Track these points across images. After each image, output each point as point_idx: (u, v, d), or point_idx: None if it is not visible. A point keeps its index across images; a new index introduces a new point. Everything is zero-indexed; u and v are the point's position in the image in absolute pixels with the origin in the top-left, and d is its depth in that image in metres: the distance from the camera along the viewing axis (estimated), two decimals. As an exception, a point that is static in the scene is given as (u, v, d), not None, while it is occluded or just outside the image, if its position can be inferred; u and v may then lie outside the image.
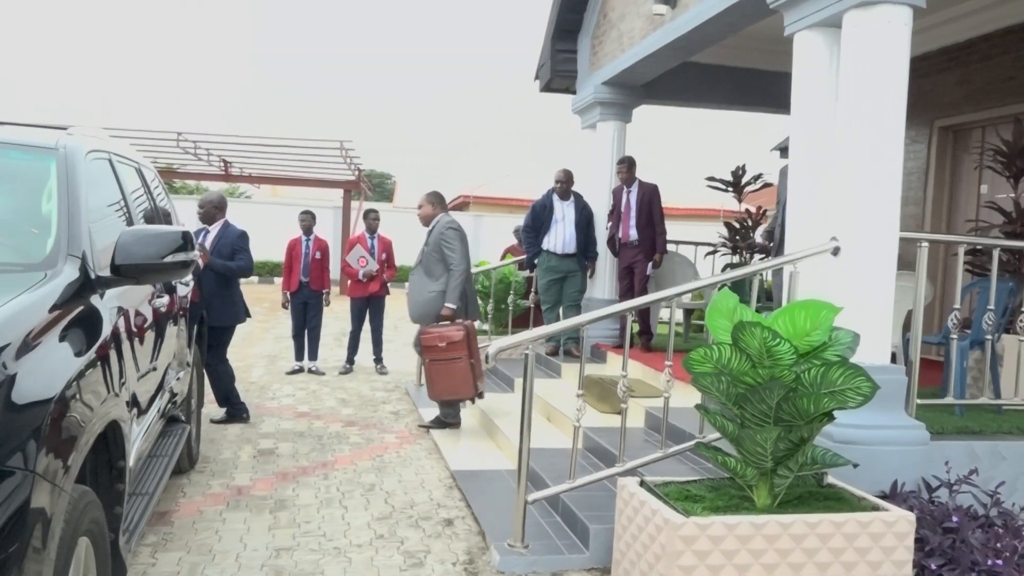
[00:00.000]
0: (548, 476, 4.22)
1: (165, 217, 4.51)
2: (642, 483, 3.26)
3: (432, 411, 6.61)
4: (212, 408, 6.39)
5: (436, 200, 6.23)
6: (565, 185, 7.46)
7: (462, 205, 29.27)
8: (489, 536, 3.81)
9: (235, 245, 6.13)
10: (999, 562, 2.96)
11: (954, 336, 4.32)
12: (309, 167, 18.10)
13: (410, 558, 3.64)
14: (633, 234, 7.15)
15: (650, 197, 7.19)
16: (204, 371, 5.61)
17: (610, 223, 7.45)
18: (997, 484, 3.75)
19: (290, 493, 4.51)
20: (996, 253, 4.32)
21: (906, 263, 4.35)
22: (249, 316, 6.30)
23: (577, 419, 3.76)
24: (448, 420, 6.02)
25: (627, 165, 7.25)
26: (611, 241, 7.43)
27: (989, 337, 4.43)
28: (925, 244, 4.13)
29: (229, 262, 6.03)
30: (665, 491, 3.17)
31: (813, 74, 4.21)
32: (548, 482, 4.07)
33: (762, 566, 2.89)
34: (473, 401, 5.85)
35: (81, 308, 2.46)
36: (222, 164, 18.26)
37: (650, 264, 7.13)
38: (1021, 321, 4.33)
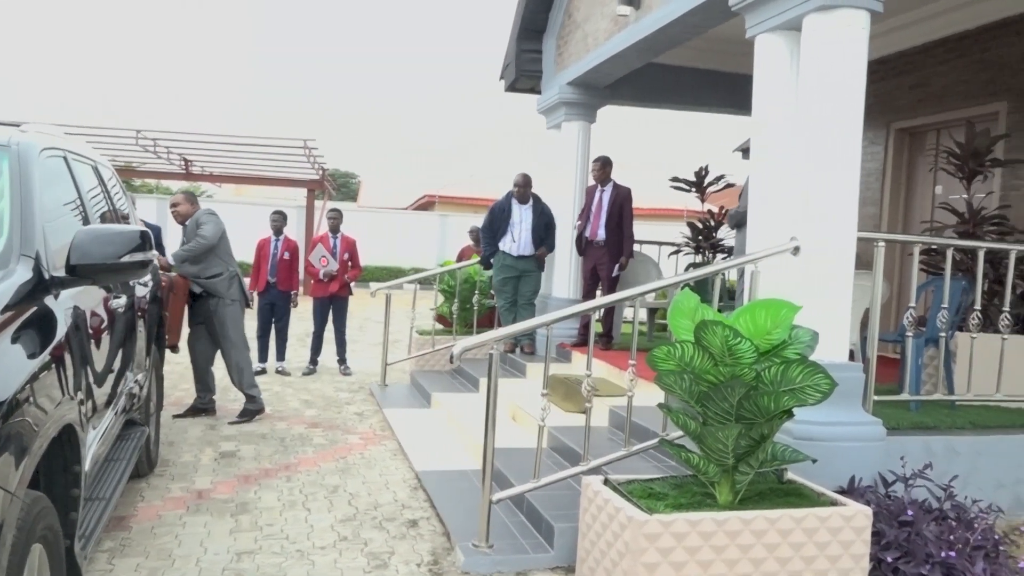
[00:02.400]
0: (513, 476, 4.22)
1: (123, 216, 4.43)
2: (606, 481, 3.28)
3: (397, 411, 6.58)
4: (172, 408, 6.31)
5: (193, 199, 6.35)
6: (523, 189, 7.52)
7: (427, 205, 29.21)
8: (454, 536, 3.80)
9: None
10: (952, 554, 3.03)
11: (910, 334, 4.41)
12: (273, 166, 17.90)
13: (374, 559, 3.62)
14: (601, 234, 7.19)
15: (623, 200, 7.23)
16: (164, 371, 5.53)
17: (579, 221, 7.48)
18: (951, 478, 3.84)
19: (252, 496, 4.45)
20: (950, 253, 4.43)
21: (864, 262, 4.43)
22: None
23: (542, 418, 3.77)
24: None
25: (602, 164, 7.29)
26: (579, 239, 7.46)
27: (943, 335, 4.54)
28: (882, 244, 4.21)
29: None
30: (629, 489, 3.20)
31: (774, 76, 4.27)
32: (513, 482, 4.07)
33: (724, 562, 2.93)
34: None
35: (34, 309, 2.41)
36: (183, 162, 17.97)
37: (616, 266, 7.18)
38: (974, 319, 4.44)
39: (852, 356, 4.52)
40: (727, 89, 8.37)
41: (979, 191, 6.24)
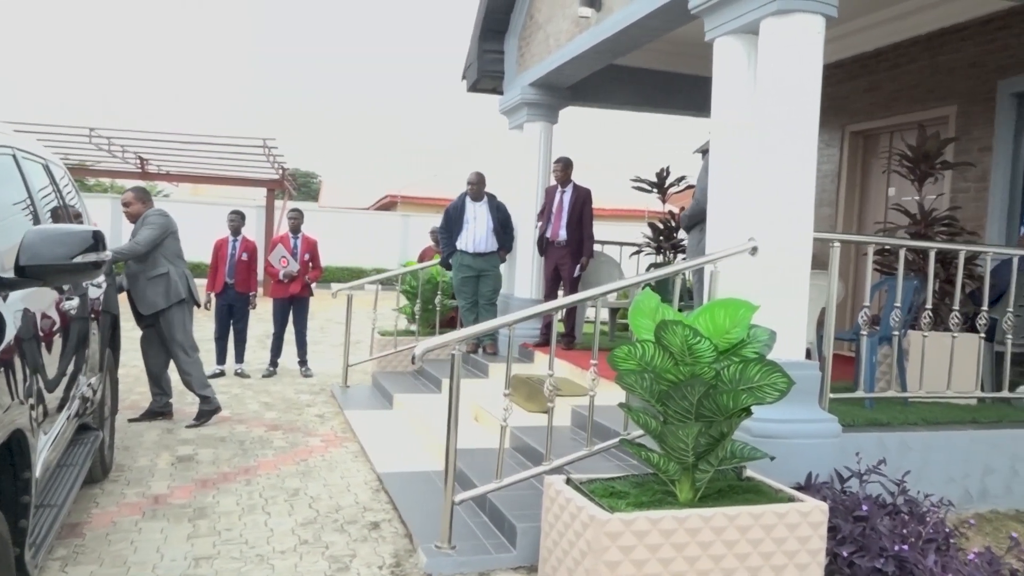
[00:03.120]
0: (476, 476, 4.21)
1: (75, 216, 4.33)
2: (568, 481, 3.29)
3: (359, 412, 6.53)
4: (128, 412, 6.18)
5: (145, 197, 6.23)
6: (477, 187, 7.55)
7: (389, 205, 29.05)
8: (416, 538, 3.78)
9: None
10: (905, 547, 3.09)
11: (864, 332, 4.51)
12: (231, 165, 17.64)
13: (335, 563, 3.59)
14: (563, 234, 7.24)
15: (583, 200, 7.31)
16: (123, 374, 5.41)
17: (540, 222, 7.51)
18: (904, 473, 3.94)
19: (210, 500, 4.38)
20: (902, 253, 4.53)
21: (820, 263, 4.51)
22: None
23: (504, 418, 3.77)
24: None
25: (563, 165, 7.34)
26: (540, 240, 7.49)
27: (896, 333, 4.64)
28: (837, 244, 4.29)
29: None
30: (591, 488, 3.21)
31: (732, 79, 4.32)
32: (476, 482, 4.07)
33: (685, 559, 2.96)
34: None
35: (-19, 311, 2.34)
36: (138, 161, 17.62)
37: (577, 267, 7.22)
38: (925, 318, 4.55)
39: (809, 355, 4.60)
40: (687, 91, 8.47)
41: (930, 193, 6.40)
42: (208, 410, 6.11)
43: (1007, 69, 6.08)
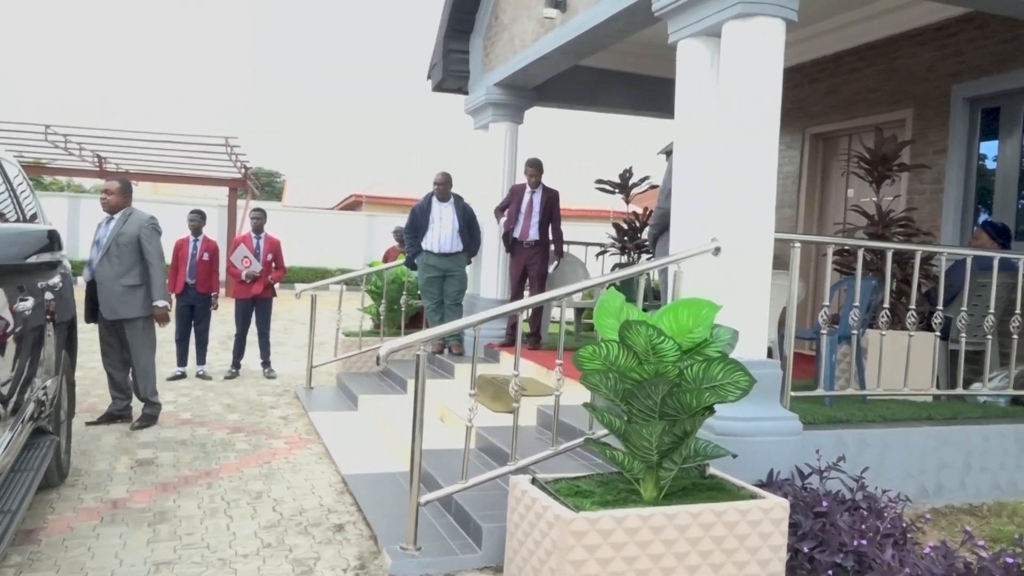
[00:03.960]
0: (441, 477, 4.20)
1: (30, 216, 4.23)
2: (534, 480, 3.30)
3: (323, 414, 6.47)
4: (85, 415, 6.05)
5: (128, 192, 6.16)
6: (443, 187, 7.54)
7: (354, 205, 28.86)
8: (381, 540, 3.76)
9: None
10: (864, 542, 3.15)
11: (824, 332, 4.59)
12: (192, 164, 17.37)
13: (299, 566, 3.55)
14: (534, 235, 7.31)
15: (553, 202, 7.39)
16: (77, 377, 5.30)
17: (504, 218, 7.52)
18: (862, 469, 4.01)
19: (171, 504, 4.31)
20: (861, 253, 4.62)
21: (781, 263, 4.58)
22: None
23: (470, 419, 3.76)
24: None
25: (537, 168, 7.39)
26: (506, 238, 7.50)
27: (855, 332, 4.73)
28: (798, 245, 4.36)
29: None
30: (556, 487, 3.22)
31: (695, 81, 4.37)
32: (441, 483, 4.06)
33: (649, 557, 2.98)
34: None
35: (-69, 313, 2.27)
36: (96, 159, 17.26)
37: (552, 266, 7.34)
38: (883, 317, 4.64)
39: (770, 353, 4.66)
40: (651, 93, 8.55)
41: (888, 194, 6.54)
42: (153, 415, 6.04)
43: (961, 74, 6.24)
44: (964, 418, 4.76)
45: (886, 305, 4.67)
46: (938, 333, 4.82)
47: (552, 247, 7.46)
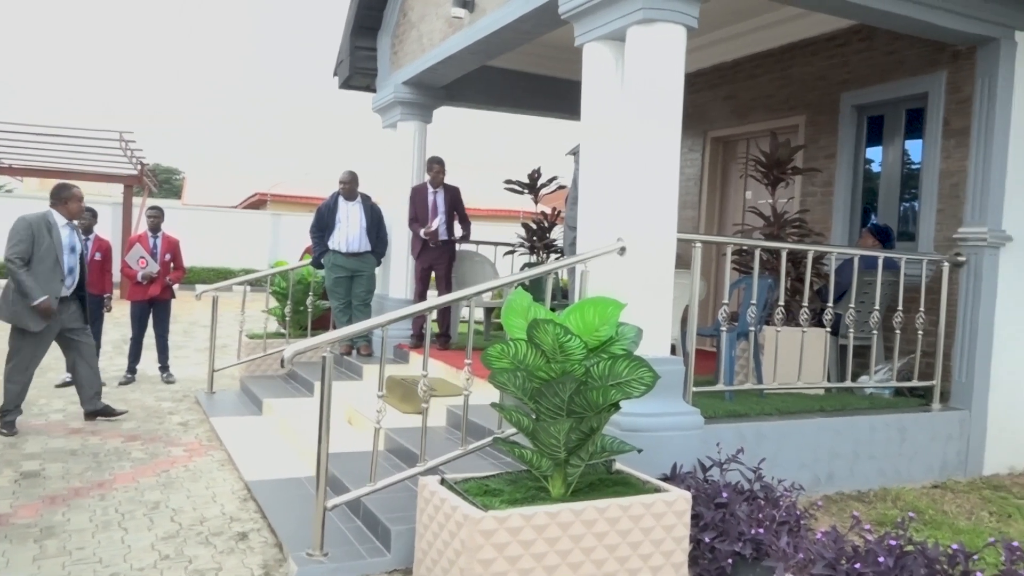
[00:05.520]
0: (349, 480, 4.14)
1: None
2: (443, 481, 3.28)
3: (225, 419, 6.27)
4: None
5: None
6: (349, 186, 7.44)
7: (258, 203, 28.07)
8: (287, 547, 3.67)
9: None
10: (761, 531, 3.28)
11: (724, 329, 4.75)
12: (85, 160, 16.50)
13: (200, 577, 3.43)
14: (444, 234, 7.27)
15: (456, 198, 7.40)
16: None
17: (416, 223, 7.42)
18: (760, 461, 4.18)
19: (60, 518, 4.08)
20: (757, 253, 4.80)
21: (684, 262, 4.72)
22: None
23: (378, 420, 3.72)
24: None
25: (442, 166, 7.33)
26: (415, 241, 7.43)
27: (753, 329, 4.92)
28: (699, 245, 4.50)
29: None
30: (465, 487, 3.22)
31: (601, 83, 4.45)
32: (349, 486, 3.99)
33: (557, 553, 3.02)
34: None
35: None
36: (-25, 153, 16.18)
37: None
38: (778, 314, 4.84)
39: (674, 350, 4.79)
40: (560, 94, 8.65)
41: (782, 196, 6.83)
42: (11, 421, 5.74)
43: (849, 83, 6.57)
44: (853, 409, 5.03)
45: (781, 303, 4.87)
46: (829, 329, 5.06)
47: (457, 246, 7.49)
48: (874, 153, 6.63)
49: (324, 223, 7.45)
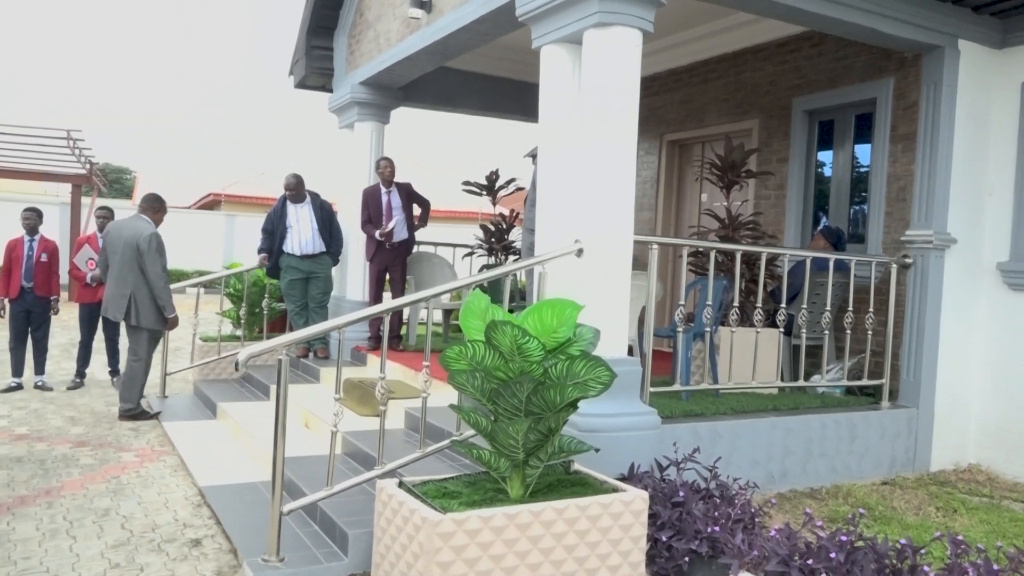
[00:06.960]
0: (306, 484, 4.09)
1: None
2: (401, 484, 3.27)
3: (178, 424, 6.15)
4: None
5: None
6: (295, 192, 7.33)
7: (212, 204, 27.59)
8: (242, 553, 3.61)
9: None
10: (716, 528, 3.33)
11: (680, 329, 4.81)
12: (30, 158, 16.03)
13: (152, 585, 3.36)
14: (403, 234, 7.23)
15: (411, 192, 7.39)
16: None
17: (370, 225, 7.36)
18: (715, 459, 4.24)
19: (4, 527, 3.96)
20: (712, 255, 4.87)
21: (640, 264, 4.76)
22: None
23: (335, 424, 3.68)
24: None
25: (391, 163, 7.28)
26: (370, 242, 7.37)
27: (708, 329, 4.99)
28: (655, 246, 4.55)
29: None
30: (423, 490, 3.21)
31: (558, 86, 4.47)
32: (305, 491, 3.94)
33: (516, 554, 3.02)
34: None
35: None
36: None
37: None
38: (733, 315, 4.91)
39: (631, 351, 4.84)
40: (518, 96, 8.68)
41: (737, 199, 6.94)
42: None
43: (800, 88, 6.71)
44: (805, 408, 5.13)
45: (736, 304, 4.95)
46: (782, 329, 5.16)
47: (415, 248, 7.50)
48: (825, 157, 6.78)
49: (272, 227, 7.37)
